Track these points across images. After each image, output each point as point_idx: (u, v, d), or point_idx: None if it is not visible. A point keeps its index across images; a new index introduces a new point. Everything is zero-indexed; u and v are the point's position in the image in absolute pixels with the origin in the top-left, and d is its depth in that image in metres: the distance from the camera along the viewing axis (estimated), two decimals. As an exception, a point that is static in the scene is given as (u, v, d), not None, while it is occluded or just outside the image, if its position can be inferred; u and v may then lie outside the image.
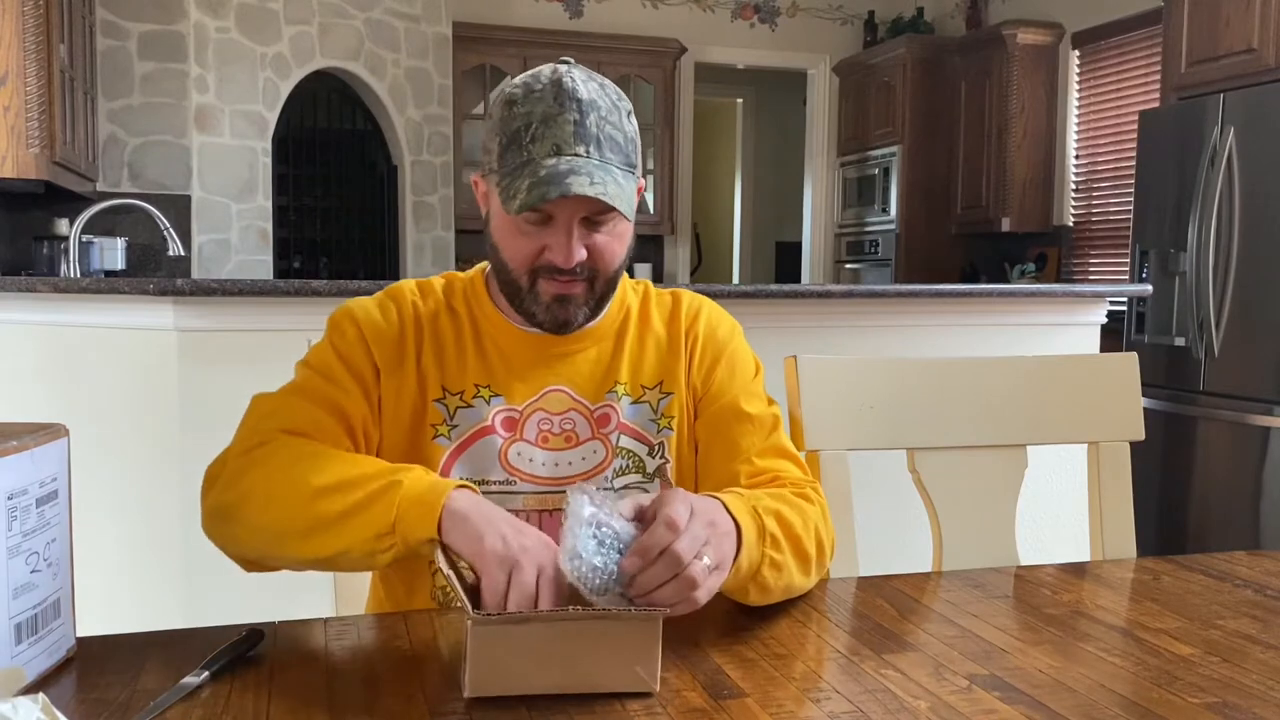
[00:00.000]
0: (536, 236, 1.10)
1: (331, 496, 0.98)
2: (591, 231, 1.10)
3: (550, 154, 1.06)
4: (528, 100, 1.09)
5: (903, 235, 5.97)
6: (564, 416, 1.17)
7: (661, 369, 1.22)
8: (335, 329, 1.17)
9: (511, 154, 1.08)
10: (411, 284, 1.23)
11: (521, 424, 1.16)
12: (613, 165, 1.08)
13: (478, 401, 1.16)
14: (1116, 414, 1.46)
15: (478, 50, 5.77)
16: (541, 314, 1.14)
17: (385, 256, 5.43)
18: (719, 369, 1.22)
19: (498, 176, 1.10)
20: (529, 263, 1.11)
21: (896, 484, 1.48)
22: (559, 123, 1.07)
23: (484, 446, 1.15)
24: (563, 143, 1.06)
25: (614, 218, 1.11)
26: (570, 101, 1.08)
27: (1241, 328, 3.64)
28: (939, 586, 1.20)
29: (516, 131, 1.08)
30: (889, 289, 2.68)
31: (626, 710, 0.83)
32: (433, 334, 1.18)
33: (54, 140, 3.53)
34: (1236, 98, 3.66)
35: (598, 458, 1.17)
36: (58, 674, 0.89)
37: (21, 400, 2.48)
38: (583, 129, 1.07)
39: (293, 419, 1.09)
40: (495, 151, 1.11)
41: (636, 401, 1.20)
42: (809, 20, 6.55)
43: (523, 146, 1.07)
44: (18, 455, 0.84)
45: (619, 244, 1.13)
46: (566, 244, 1.08)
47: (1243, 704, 0.86)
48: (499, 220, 1.13)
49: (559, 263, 1.09)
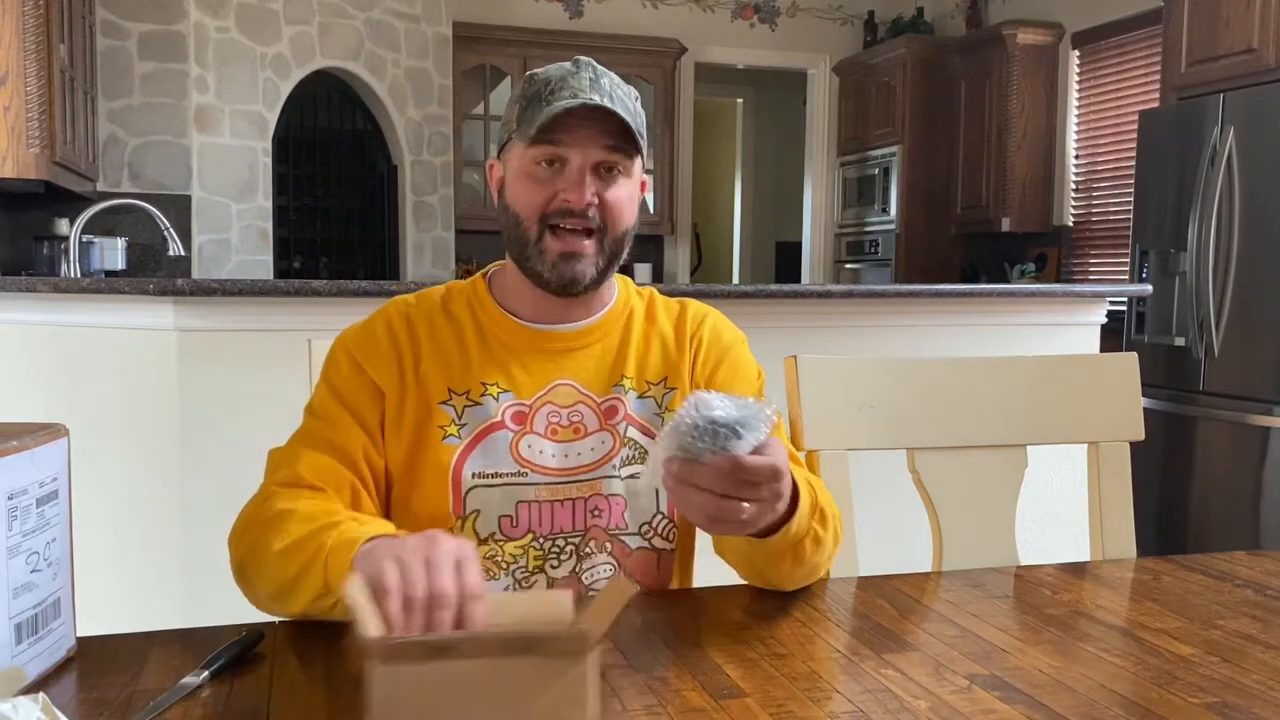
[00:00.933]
0: (549, 183, 1.13)
1: (284, 561, 0.99)
2: (604, 183, 1.14)
3: (569, 98, 1.12)
4: (546, 70, 1.16)
5: (903, 235, 5.97)
6: (572, 409, 1.18)
7: (666, 365, 1.23)
8: (330, 364, 1.19)
9: (532, 109, 1.13)
10: (409, 295, 1.24)
11: (531, 417, 1.17)
12: (627, 116, 1.13)
13: (486, 399, 1.17)
14: (1116, 414, 1.46)
15: (478, 50, 5.77)
16: (548, 272, 1.15)
17: (385, 256, 5.43)
18: (722, 370, 1.24)
19: (517, 133, 1.14)
20: (540, 209, 1.14)
21: (896, 484, 1.48)
22: (577, 78, 1.14)
23: (495, 441, 1.16)
24: (579, 90, 1.12)
25: (625, 172, 1.15)
26: (586, 67, 1.16)
27: (1241, 328, 3.64)
28: (939, 586, 1.20)
29: (536, 92, 1.14)
30: (889, 289, 2.68)
31: (627, 710, 0.83)
32: (431, 338, 1.18)
33: (54, 140, 3.53)
34: (1236, 98, 3.66)
35: (605, 448, 1.18)
36: (58, 674, 0.89)
37: (21, 400, 2.48)
38: (598, 85, 1.14)
39: (294, 470, 1.10)
40: (514, 116, 1.16)
41: (642, 396, 1.21)
42: (809, 20, 6.55)
43: (542, 99, 1.13)
44: (18, 455, 0.84)
45: (629, 204, 1.17)
46: (580, 183, 1.12)
47: (1243, 704, 0.86)
48: (514, 178, 1.16)
49: (572, 202, 1.12)
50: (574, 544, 1.16)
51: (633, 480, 1.19)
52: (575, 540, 1.17)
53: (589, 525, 1.17)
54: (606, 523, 1.18)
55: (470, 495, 1.15)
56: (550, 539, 1.16)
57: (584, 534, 1.17)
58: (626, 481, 1.18)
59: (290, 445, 1.15)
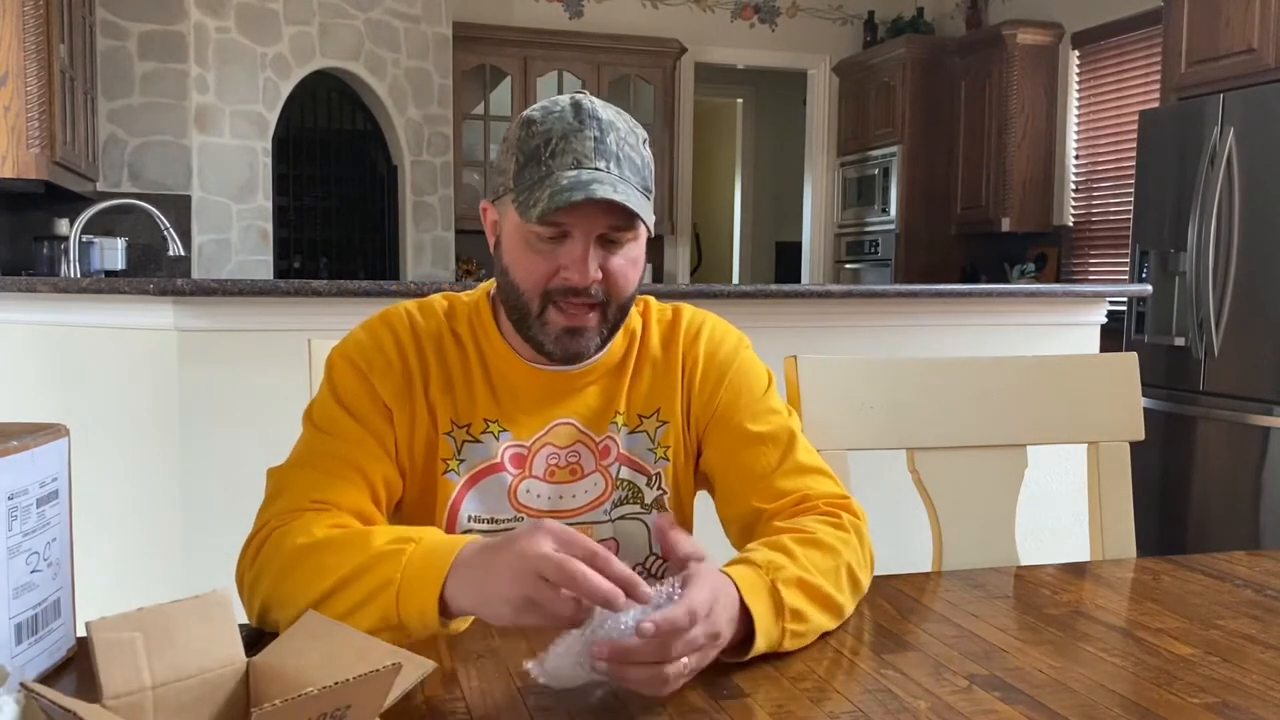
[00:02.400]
0: (551, 255, 1.06)
1: (332, 602, 0.92)
2: (608, 253, 1.07)
3: (571, 166, 1.04)
4: (546, 119, 1.06)
5: (903, 235, 5.97)
6: (570, 450, 1.15)
7: (657, 397, 1.18)
8: (334, 375, 1.12)
9: (530, 169, 1.05)
10: (410, 304, 1.17)
11: (530, 460, 1.14)
12: (631, 184, 1.05)
13: (486, 437, 1.13)
14: (1116, 414, 1.46)
15: (478, 50, 5.77)
16: (550, 345, 1.09)
17: (385, 256, 5.43)
18: (722, 393, 1.18)
19: (514, 193, 1.06)
20: (542, 284, 1.07)
21: (896, 484, 1.48)
22: (580, 138, 1.05)
23: (494, 484, 1.13)
24: (583, 156, 1.04)
25: (630, 240, 1.08)
26: (590, 120, 1.06)
27: (1241, 328, 3.64)
28: (939, 586, 1.20)
29: (536, 148, 1.05)
30: (889, 289, 2.68)
31: (626, 709, 0.83)
32: (439, 361, 1.13)
33: (54, 140, 3.53)
34: (1236, 98, 3.66)
35: (598, 490, 1.15)
36: (58, 674, 0.89)
37: (21, 400, 2.48)
38: (603, 145, 1.05)
39: (298, 496, 1.04)
40: (511, 171, 1.07)
41: (634, 431, 1.17)
42: (809, 20, 6.55)
43: (542, 161, 1.04)
44: (18, 455, 0.84)
45: (633, 270, 1.10)
46: (583, 259, 1.04)
47: (1243, 704, 0.86)
48: (511, 240, 1.09)
49: (574, 280, 1.05)
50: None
51: (623, 522, 1.16)
52: None
53: None
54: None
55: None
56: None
57: None
58: (617, 524, 1.16)
59: (292, 469, 1.08)
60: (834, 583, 1.02)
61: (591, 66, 5.97)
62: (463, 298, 1.19)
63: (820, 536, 1.04)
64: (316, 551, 0.96)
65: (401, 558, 0.91)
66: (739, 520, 1.15)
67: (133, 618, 0.74)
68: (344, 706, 0.66)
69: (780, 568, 0.97)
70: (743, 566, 0.96)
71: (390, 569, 0.91)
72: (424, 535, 0.94)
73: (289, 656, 0.77)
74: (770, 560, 0.98)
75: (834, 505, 1.12)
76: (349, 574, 0.92)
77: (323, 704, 0.64)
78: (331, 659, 0.75)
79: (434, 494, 1.12)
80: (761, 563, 0.97)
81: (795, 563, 0.99)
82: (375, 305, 1.22)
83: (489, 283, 1.20)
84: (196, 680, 0.75)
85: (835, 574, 1.02)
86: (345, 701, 0.65)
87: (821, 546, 1.03)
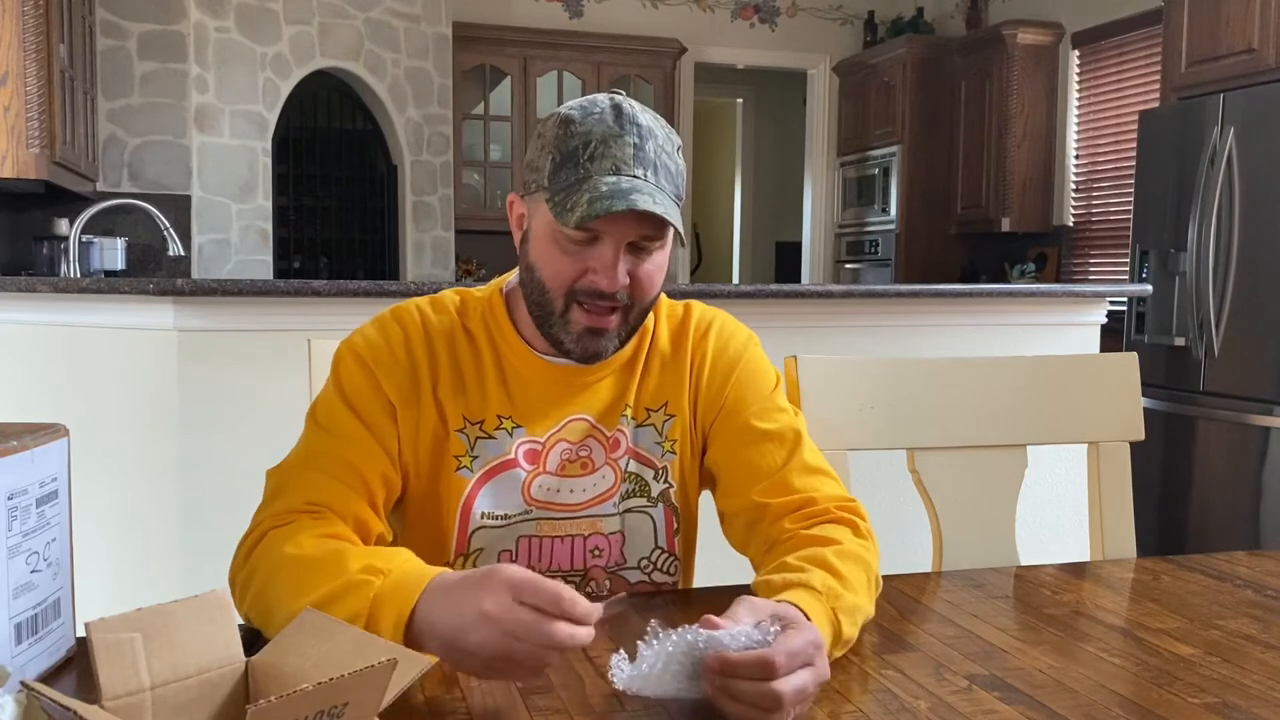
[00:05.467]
0: (580, 257, 1.06)
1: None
2: (636, 258, 1.07)
3: (609, 172, 1.04)
4: (586, 120, 1.06)
5: (903, 235, 5.97)
6: (582, 444, 1.15)
7: (665, 390, 1.18)
8: (340, 371, 1.11)
9: (567, 170, 1.05)
10: (422, 300, 1.17)
11: (544, 455, 1.14)
12: (667, 193, 1.06)
13: (500, 433, 1.13)
14: (1116, 414, 1.46)
15: (478, 50, 5.77)
16: (571, 344, 1.10)
17: (385, 256, 5.43)
18: (729, 389, 1.18)
19: (549, 193, 1.06)
20: (568, 284, 1.07)
21: (896, 484, 1.48)
22: (620, 143, 1.05)
23: (508, 480, 1.13)
24: (622, 163, 1.04)
25: (658, 246, 1.08)
26: (630, 125, 1.06)
27: (1241, 328, 3.64)
28: (939, 586, 1.20)
29: (574, 149, 1.05)
30: (889, 289, 2.68)
31: (625, 709, 0.83)
32: (450, 359, 1.13)
33: (54, 140, 3.53)
34: (1236, 98, 3.66)
35: (607, 483, 1.16)
36: (58, 674, 0.89)
37: (21, 400, 2.48)
38: (642, 153, 1.05)
39: (295, 498, 1.03)
40: (546, 169, 1.07)
41: (642, 424, 1.17)
42: (809, 20, 6.55)
43: (580, 164, 1.04)
44: (18, 455, 0.84)
45: (659, 275, 1.10)
46: (613, 265, 1.05)
47: (1243, 704, 0.86)
48: (540, 239, 1.09)
49: (602, 285, 1.06)
50: (573, 584, 1.13)
51: (630, 515, 1.17)
52: (575, 580, 1.15)
53: (589, 565, 1.16)
54: (606, 561, 1.16)
55: (476, 534, 1.13)
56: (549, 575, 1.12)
57: (584, 574, 1.16)
58: (624, 516, 1.16)
59: (292, 469, 1.08)
60: (868, 597, 1.03)
61: (591, 66, 5.97)
62: (475, 293, 1.19)
63: (850, 548, 1.05)
64: (300, 565, 0.95)
65: (370, 589, 0.89)
66: (742, 515, 1.15)
67: (132, 618, 0.74)
68: (341, 704, 0.66)
69: (838, 596, 0.97)
70: (805, 593, 0.95)
71: (358, 602, 0.89)
72: (391, 569, 0.91)
73: (288, 655, 0.77)
74: (830, 588, 0.97)
75: (845, 510, 1.11)
76: (322, 598, 0.90)
77: (318, 700, 0.64)
78: (330, 657, 0.75)
79: (441, 492, 1.12)
80: (822, 589, 0.96)
81: (844, 584, 0.99)
82: (375, 305, 1.22)
83: (501, 278, 1.20)
84: (196, 680, 0.75)
85: (868, 588, 1.03)
86: (342, 698, 0.65)
87: (856, 560, 1.03)
